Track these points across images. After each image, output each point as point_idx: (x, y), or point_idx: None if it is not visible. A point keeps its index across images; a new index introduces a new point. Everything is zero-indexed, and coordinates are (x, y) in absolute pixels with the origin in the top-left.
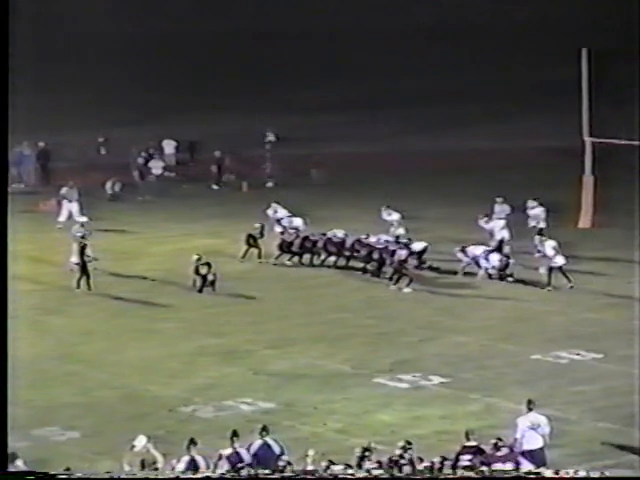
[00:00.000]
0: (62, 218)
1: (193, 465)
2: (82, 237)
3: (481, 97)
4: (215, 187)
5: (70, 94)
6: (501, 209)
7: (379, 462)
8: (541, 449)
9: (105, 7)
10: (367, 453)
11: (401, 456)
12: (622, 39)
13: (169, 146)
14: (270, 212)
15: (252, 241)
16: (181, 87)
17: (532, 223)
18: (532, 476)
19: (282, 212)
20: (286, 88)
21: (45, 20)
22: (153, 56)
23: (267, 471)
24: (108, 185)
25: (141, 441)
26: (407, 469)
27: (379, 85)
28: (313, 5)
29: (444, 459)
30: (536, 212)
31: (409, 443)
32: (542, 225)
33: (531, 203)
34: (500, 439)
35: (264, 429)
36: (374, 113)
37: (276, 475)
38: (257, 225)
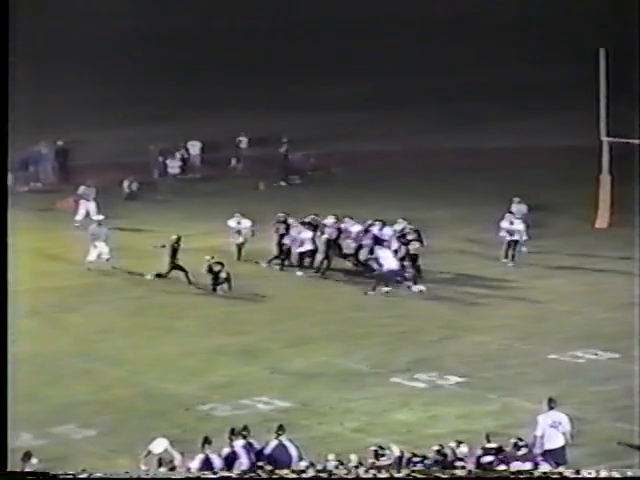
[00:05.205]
0: (79, 217)
1: (208, 463)
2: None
3: (499, 95)
4: (283, 184)
5: (86, 92)
6: (518, 209)
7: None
8: (562, 448)
9: (122, 3)
10: (382, 452)
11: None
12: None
13: (194, 147)
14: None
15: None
16: (198, 86)
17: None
18: (533, 475)
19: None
20: (304, 86)
21: (64, 17)
22: (169, 53)
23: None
24: (125, 184)
25: (159, 447)
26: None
27: (398, 83)
28: (330, 1)
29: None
30: (519, 208)
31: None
32: (521, 227)
33: (516, 199)
34: (520, 439)
35: (280, 428)
36: (393, 111)
37: (275, 475)
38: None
